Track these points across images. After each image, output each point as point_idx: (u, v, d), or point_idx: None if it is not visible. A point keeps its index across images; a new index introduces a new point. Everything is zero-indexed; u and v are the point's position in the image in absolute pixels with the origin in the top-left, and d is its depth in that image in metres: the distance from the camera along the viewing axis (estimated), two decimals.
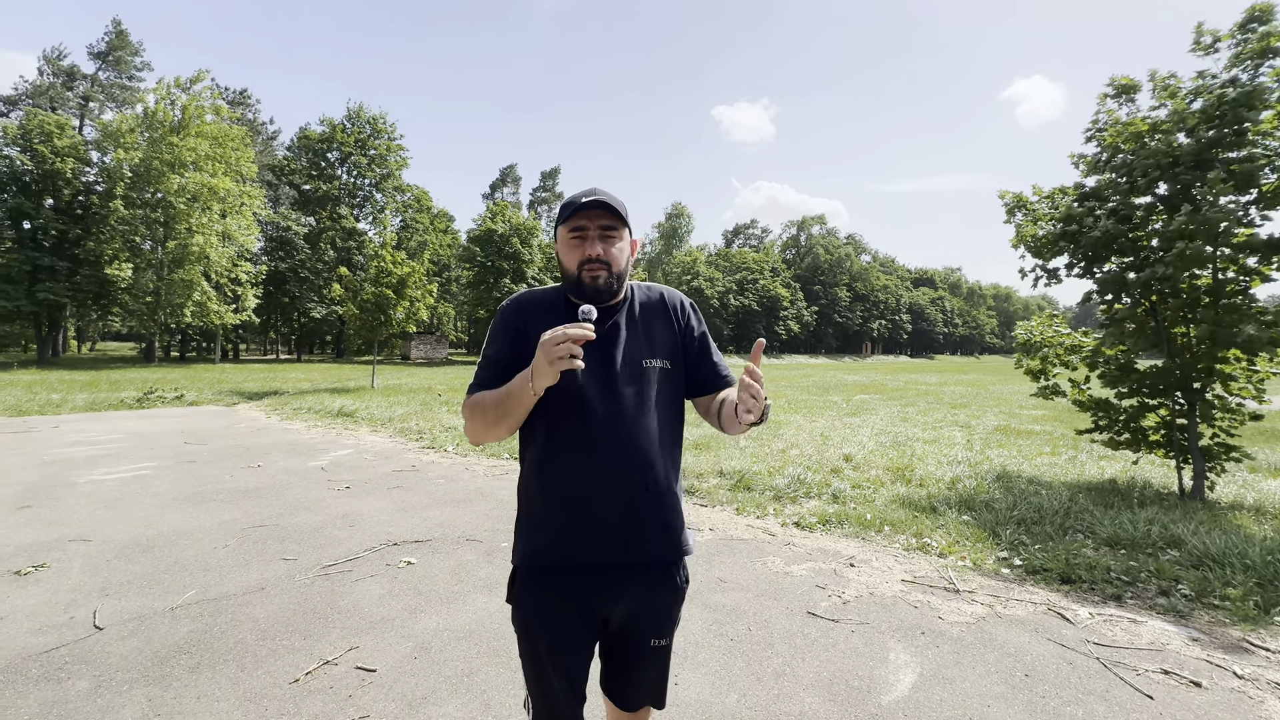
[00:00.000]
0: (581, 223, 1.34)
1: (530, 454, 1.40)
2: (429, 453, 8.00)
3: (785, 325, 73.70)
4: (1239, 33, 4.87)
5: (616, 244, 1.36)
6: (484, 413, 1.31)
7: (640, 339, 1.41)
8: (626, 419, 1.34)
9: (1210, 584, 3.50)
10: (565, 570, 1.36)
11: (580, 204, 1.32)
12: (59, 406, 12.32)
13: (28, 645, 2.83)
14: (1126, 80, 5.50)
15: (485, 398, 1.32)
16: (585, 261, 1.34)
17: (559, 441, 1.35)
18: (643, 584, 1.39)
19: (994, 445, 8.57)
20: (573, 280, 1.37)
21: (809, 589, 3.62)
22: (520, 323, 1.40)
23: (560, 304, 1.42)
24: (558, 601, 1.36)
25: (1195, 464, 5.30)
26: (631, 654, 1.44)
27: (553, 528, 1.35)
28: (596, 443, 1.32)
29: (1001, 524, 4.63)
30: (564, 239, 1.37)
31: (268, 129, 55.75)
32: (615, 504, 1.33)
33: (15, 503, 5.29)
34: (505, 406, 1.28)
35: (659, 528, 1.38)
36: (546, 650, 1.36)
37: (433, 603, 3.36)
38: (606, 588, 1.37)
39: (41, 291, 30.14)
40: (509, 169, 72.69)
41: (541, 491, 1.37)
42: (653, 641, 1.43)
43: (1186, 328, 5.23)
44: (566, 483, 1.34)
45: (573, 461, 1.34)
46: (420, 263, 18.36)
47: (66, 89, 40.70)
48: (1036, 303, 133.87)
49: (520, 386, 1.24)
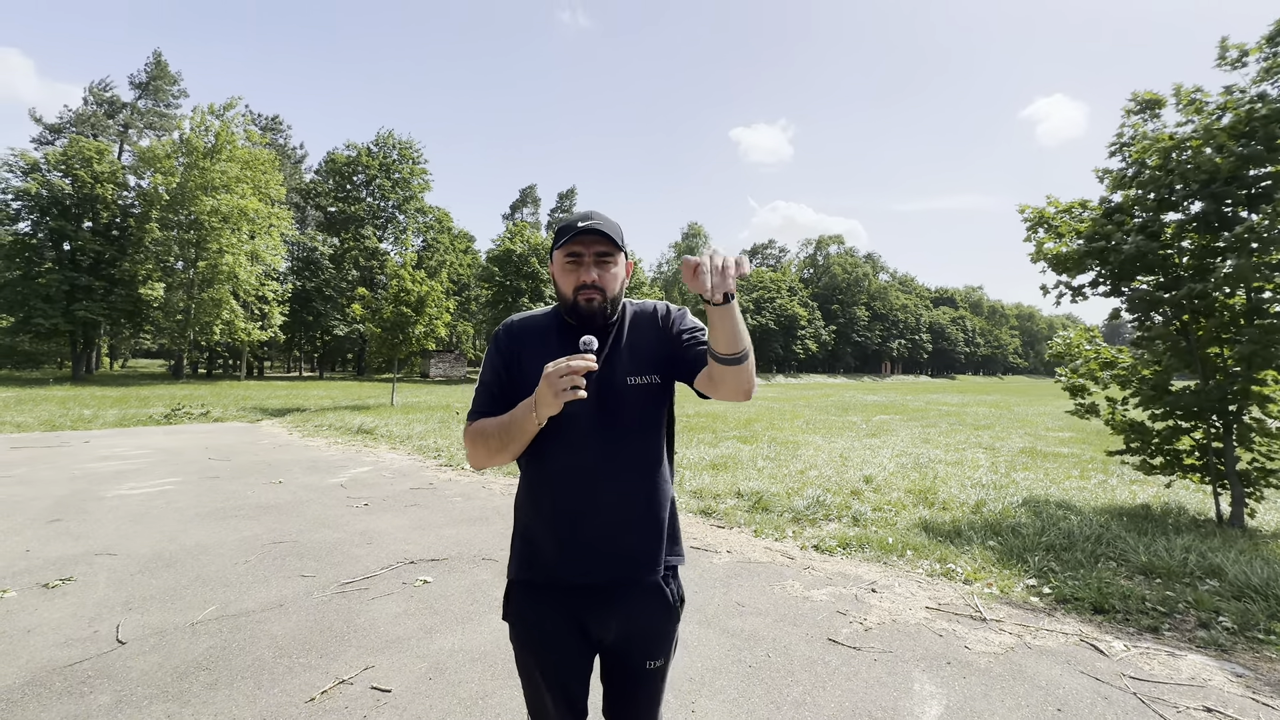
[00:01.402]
0: (577, 248, 1.36)
1: (524, 474, 1.44)
2: (446, 470, 8.04)
3: (803, 344, 73.19)
4: (1267, 46, 4.79)
5: (611, 269, 1.38)
6: (487, 440, 1.34)
7: (628, 358, 1.41)
8: (614, 440, 1.36)
9: (1254, 617, 3.34)
10: (558, 587, 1.38)
11: (576, 229, 1.33)
12: (90, 422, 12.64)
13: (52, 658, 2.87)
14: (1150, 95, 5.43)
15: (488, 425, 1.35)
16: (580, 287, 1.36)
17: (549, 462, 1.38)
18: (634, 602, 1.39)
19: (1019, 468, 8.36)
20: (568, 304, 1.39)
21: (829, 615, 3.53)
22: (514, 348, 1.43)
23: (553, 328, 1.44)
24: (551, 617, 1.38)
25: (1233, 489, 5.10)
26: (628, 675, 1.43)
27: (544, 546, 1.38)
28: (585, 464, 1.35)
29: (1029, 550, 4.49)
30: (560, 263, 1.39)
31: (296, 153, 57.53)
32: (603, 523, 1.35)
33: (46, 516, 5.41)
34: (509, 434, 1.31)
35: (647, 546, 1.39)
36: (539, 666, 1.38)
37: (448, 622, 3.35)
38: (598, 605, 1.38)
39: (79, 310, 31.19)
40: (529, 190, 73.93)
41: (534, 511, 1.40)
42: (648, 664, 1.42)
43: (1220, 348, 5.08)
44: (556, 503, 1.37)
45: (562, 482, 1.37)
46: (439, 282, 18.63)
47: (109, 117, 42.53)
48: (1061, 321, 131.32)
49: (524, 415, 1.28)
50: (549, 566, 1.37)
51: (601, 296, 1.36)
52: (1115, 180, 5.59)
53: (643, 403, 1.39)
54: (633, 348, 1.42)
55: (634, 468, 1.38)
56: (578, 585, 1.37)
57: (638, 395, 1.39)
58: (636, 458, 1.38)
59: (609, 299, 1.38)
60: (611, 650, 1.42)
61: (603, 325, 1.40)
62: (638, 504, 1.37)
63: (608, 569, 1.36)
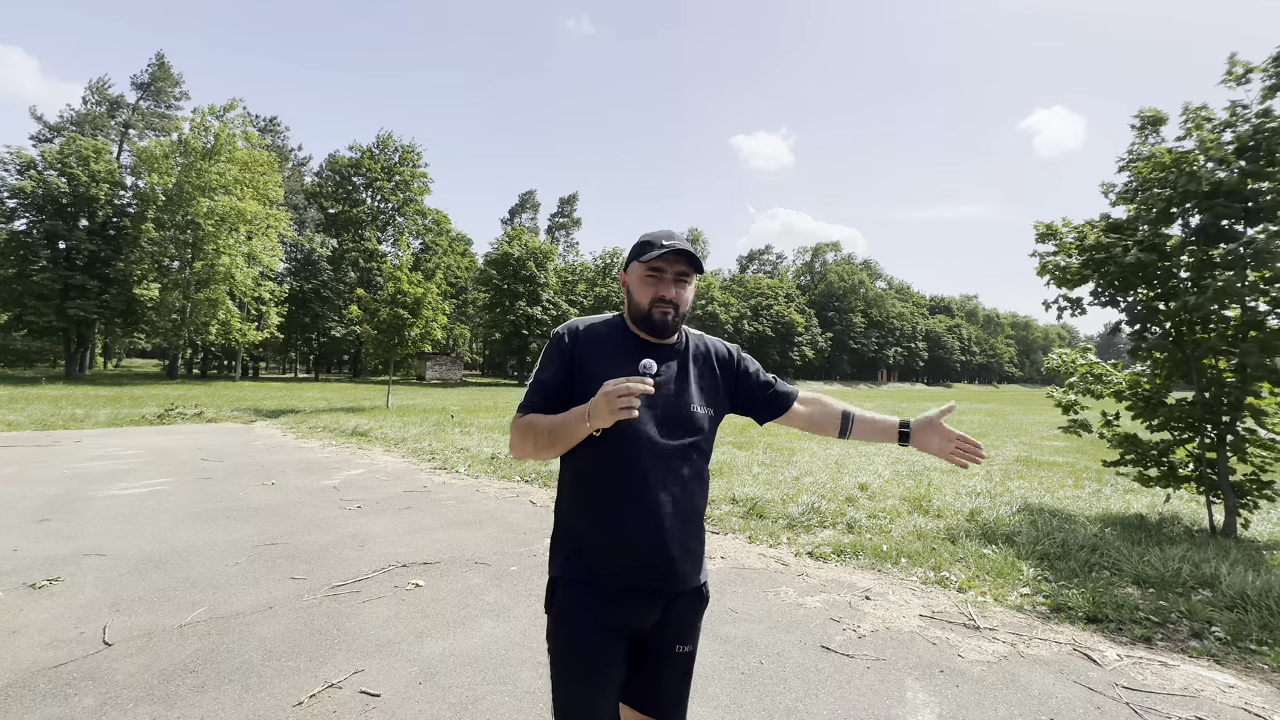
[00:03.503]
0: (660, 265, 1.44)
1: (574, 477, 1.48)
2: (440, 474, 8.00)
3: (800, 351, 73.34)
4: (1273, 66, 4.84)
5: (687, 289, 1.48)
6: (536, 436, 1.40)
7: (692, 387, 1.51)
8: (670, 458, 1.44)
9: (1246, 627, 3.34)
10: (604, 586, 1.42)
11: (664, 247, 1.41)
12: (83, 421, 12.56)
13: (37, 660, 2.83)
14: (1154, 113, 5.51)
15: (539, 422, 1.40)
16: (658, 300, 1.44)
17: (606, 472, 1.42)
18: (672, 598, 1.46)
19: (1014, 476, 8.37)
20: (642, 313, 1.46)
21: (823, 622, 3.52)
22: (577, 352, 1.48)
23: (617, 337, 1.51)
24: (596, 616, 1.40)
25: (1227, 500, 5.12)
26: (658, 659, 1.49)
27: (594, 548, 1.43)
28: (641, 477, 1.41)
29: (1023, 558, 4.49)
30: (639, 273, 1.46)
31: (296, 155, 57.56)
32: (653, 532, 1.41)
33: (35, 516, 5.36)
34: (558, 435, 1.37)
35: (691, 556, 1.48)
36: (581, 664, 1.39)
37: (439, 626, 3.32)
38: (640, 604, 1.43)
39: (72, 309, 31.06)
40: (528, 195, 74.13)
41: (586, 516, 1.45)
42: (678, 648, 1.50)
43: (1215, 359, 5.11)
44: (611, 510, 1.42)
45: (618, 492, 1.41)
46: (435, 284, 18.62)
47: (110, 116, 42.49)
48: (1057, 331, 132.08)
49: (576, 421, 1.33)
50: (596, 567, 1.42)
51: (675, 312, 1.45)
52: (1120, 195, 5.64)
53: (698, 429, 1.49)
54: (698, 380, 1.53)
55: (683, 485, 1.46)
56: (624, 586, 1.42)
57: (695, 422, 1.49)
58: (687, 476, 1.46)
59: (680, 315, 1.47)
60: (645, 637, 1.47)
61: (668, 338, 1.50)
62: (686, 516, 1.46)
63: (654, 575, 1.42)
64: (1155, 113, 5.51)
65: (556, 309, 49.52)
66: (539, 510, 6.07)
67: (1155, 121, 5.50)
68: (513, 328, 47.61)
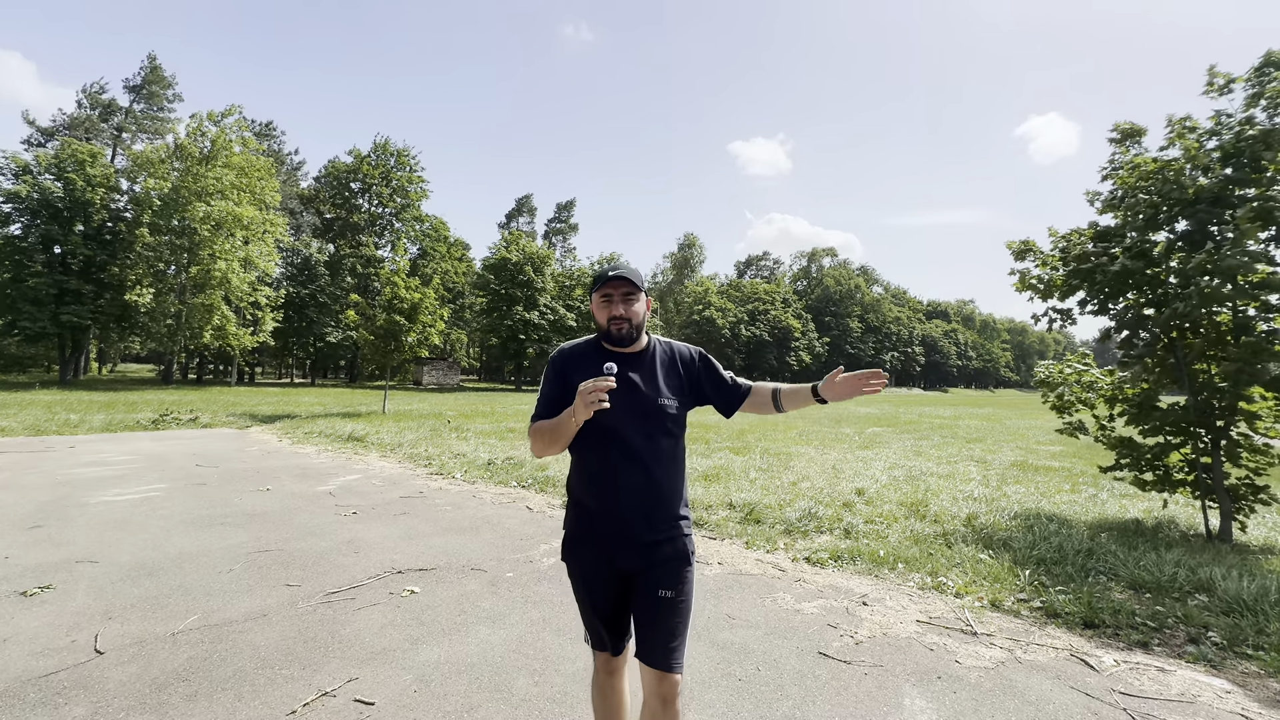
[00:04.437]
0: (608, 290, 1.85)
1: (577, 459, 1.92)
2: (437, 479, 7.97)
3: (797, 356, 73.42)
4: (1255, 76, 4.91)
5: (634, 304, 1.87)
6: (542, 436, 1.85)
7: (655, 384, 1.89)
8: (646, 440, 1.84)
9: (1243, 632, 3.35)
10: (599, 538, 1.87)
11: (607, 276, 1.84)
12: (76, 427, 12.49)
13: (28, 668, 2.81)
14: (1130, 126, 5.62)
15: (544, 425, 1.85)
16: (613, 318, 1.85)
17: (593, 455, 1.86)
18: (650, 548, 1.84)
19: (1011, 481, 8.38)
20: (603, 331, 1.90)
21: (820, 628, 3.51)
22: (564, 370, 1.91)
23: (591, 353, 1.92)
24: (593, 558, 1.88)
25: (1222, 505, 5.13)
26: (646, 601, 1.83)
27: (588, 512, 1.89)
28: (618, 458, 1.82)
29: (1020, 564, 4.49)
30: (596, 302, 1.89)
31: (292, 160, 57.53)
32: (629, 500, 1.83)
33: (27, 522, 5.32)
34: (558, 432, 1.80)
35: (664, 515, 1.87)
36: (585, 590, 1.90)
37: (434, 634, 3.30)
38: (624, 550, 1.84)
39: (66, 314, 30.89)
40: (525, 199, 74.11)
41: (585, 486, 1.89)
42: (660, 592, 1.82)
43: (1208, 364, 5.13)
44: (604, 481, 1.85)
45: (601, 470, 1.85)
46: (433, 289, 18.61)
47: (103, 120, 42.38)
48: (1053, 337, 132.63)
49: (565, 419, 1.76)
50: (593, 524, 1.87)
51: (628, 325, 1.86)
52: (1106, 203, 5.69)
53: (667, 418, 1.88)
54: (665, 378, 1.92)
55: (659, 461, 1.85)
56: (612, 536, 1.84)
57: (664, 411, 1.87)
58: (661, 454, 1.86)
59: (634, 326, 1.87)
60: (635, 584, 1.85)
61: (629, 346, 1.90)
62: (660, 485, 1.85)
63: (633, 528, 1.83)
64: (1132, 126, 5.64)
65: (554, 314, 49.51)
66: (535, 516, 6.05)
67: (1133, 134, 5.61)
68: (510, 332, 47.54)
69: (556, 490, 7.16)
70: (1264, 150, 4.63)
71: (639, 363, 1.90)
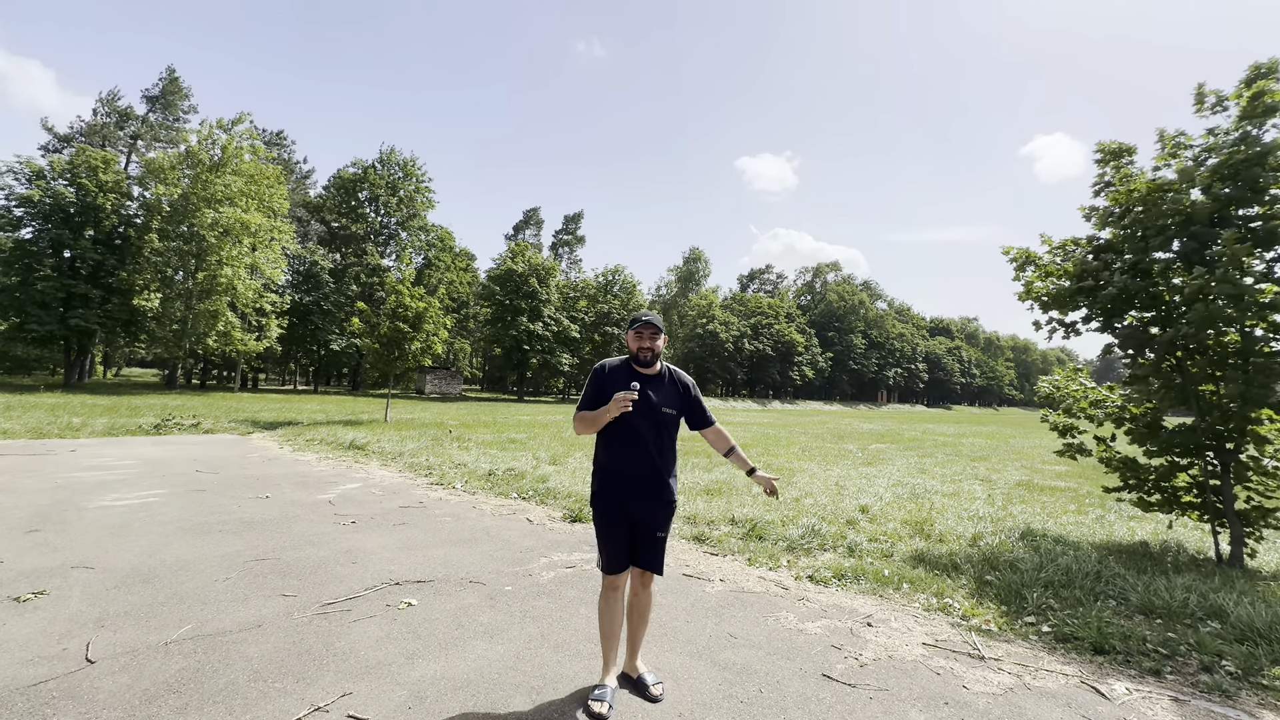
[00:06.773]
0: (642, 329, 2.84)
1: (604, 440, 2.85)
2: (437, 489, 7.92)
3: (800, 370, 73.22)
4: (1245, 89, 4.88)
5: (657, 341, 2.86)
6: (585, 421, 2.78)
7: (664, 397, 2.86)
8: (655, 435, 2.81)
9: (1257, 661, 3.26)
10: (618, 498, 2.81)
11: (643, 320, 2.84)
12: (78, 430, 12.48)
13: (16, 677, 2.76)
14: (1116, 145, 5.63)
15: (586, 415, 2.79)
16: (641, 348, 2.85)
17: (616, 443, 2.81)
18: (653, 505, 2.82)
19: (1016, 501, 8.28)
20: (634, 355, 2.88)
21: (824, 649, 3.44)
22: (605, 379, 2.84)
23: (624, 370, 2.88)
24: (612, 507, 2.81)
25: (1232, 529, 5.04)
26: (647, 538, 2.84)
27: (610, 482, 2.82)
28: (634, 443, 2.79)
29: (1028, 586, 4.40)
30: (632, 335, 2.87)
31: (301, 168, 58.04)
32: (640, 474, 2.79)
33: (24, 526, 5.28)
34: (595, 422, 2.75)
35: (662, 485, 2.83)
36: (607, 529, 2.81)
37: (431, 648, 3.24)
38: (635, 504, 2.80)
39: (73, 318, 31.06)
40: (532, 211, 74.58)
41: (608, 459, 2.83)
42: (658, 533, 2.84)
43: (1215, 385, 5.07)
44: (623, 462, 2.80)
45: (620, 454, 2.80)
46: (437, 298, 18.63)
47: (119, 128, 42.90)
48: (1056, 355, 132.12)
49: (601, 414, 2.71)
50: (614, 486, 2.80)
51: (652, 353, 2.86)
52: (1102, 218, 5.65)
53: (668, 419, 2.86)
54: (670, 394, 2.90)
55: (660, 448, 2.83)
56: (626, 494, 2.79)
57: (667, 416, 2.85)
58: (662, 443, 2.84)
59: (655, 355, 2.87)
60: (640, 526, 2.82)
61: (649, 369, 2.88)
62: (659, 463, 2.82)
63: (641, 490, 2.80)
64: (1119, 145, 5.66)
65: (558, 325, 49.56)
66: (535, 529, 5.99)
67: (1119, 153, 5.61)
68: (514, 343, 47.60)
69: (557, 503, 7.10)
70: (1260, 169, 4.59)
71: (654, 381, 2.86)
